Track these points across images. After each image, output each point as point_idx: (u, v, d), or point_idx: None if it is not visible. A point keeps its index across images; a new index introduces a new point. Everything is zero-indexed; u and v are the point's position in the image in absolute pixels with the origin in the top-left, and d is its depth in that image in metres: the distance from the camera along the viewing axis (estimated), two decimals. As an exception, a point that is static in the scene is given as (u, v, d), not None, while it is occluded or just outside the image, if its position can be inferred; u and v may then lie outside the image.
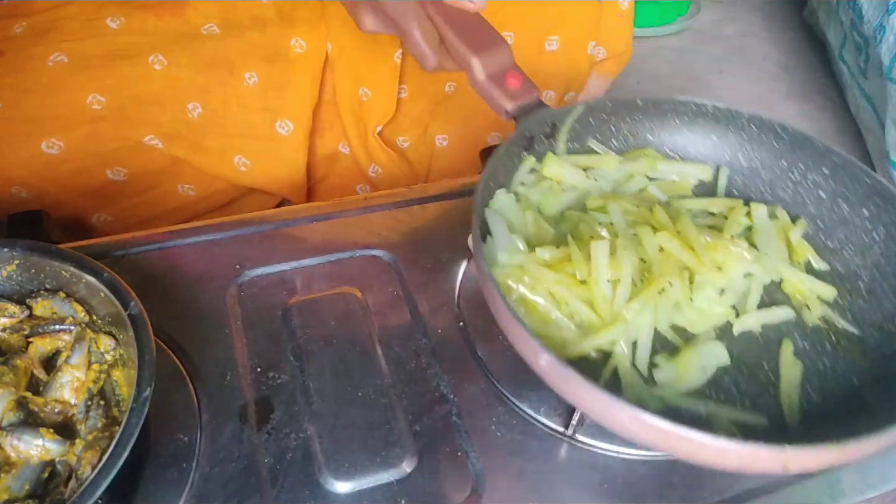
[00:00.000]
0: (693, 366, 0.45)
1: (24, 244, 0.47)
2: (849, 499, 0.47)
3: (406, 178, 0.79)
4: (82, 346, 0.44)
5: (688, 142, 0.59)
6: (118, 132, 0.66)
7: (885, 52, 0.96)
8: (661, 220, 0.49)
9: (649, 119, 0.58)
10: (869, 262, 0.51)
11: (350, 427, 0.48)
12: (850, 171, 0.52)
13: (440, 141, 0.80)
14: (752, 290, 0.49)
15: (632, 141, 0.59)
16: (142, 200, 0.70)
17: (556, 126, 0.55)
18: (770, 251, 0.50)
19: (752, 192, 0.58)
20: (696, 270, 0.47)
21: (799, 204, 0.56)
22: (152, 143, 0.67)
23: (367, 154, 0.77)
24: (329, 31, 0.74)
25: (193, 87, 0.68)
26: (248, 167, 0.72)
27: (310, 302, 0.55)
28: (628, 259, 0.46)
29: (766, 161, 0.57)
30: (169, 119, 0.67)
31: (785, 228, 0.53)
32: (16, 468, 0.39)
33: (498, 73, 0.53)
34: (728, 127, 0.58)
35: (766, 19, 1.39)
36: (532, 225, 0.51)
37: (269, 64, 0.71)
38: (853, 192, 0.52)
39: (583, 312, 0.46)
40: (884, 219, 0.50)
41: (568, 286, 0.46)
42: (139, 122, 0.66)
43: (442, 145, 0.81)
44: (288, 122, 0.72)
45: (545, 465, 0.47)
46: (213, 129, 0.70)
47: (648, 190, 0.56)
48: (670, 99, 0.57)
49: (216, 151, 0.70)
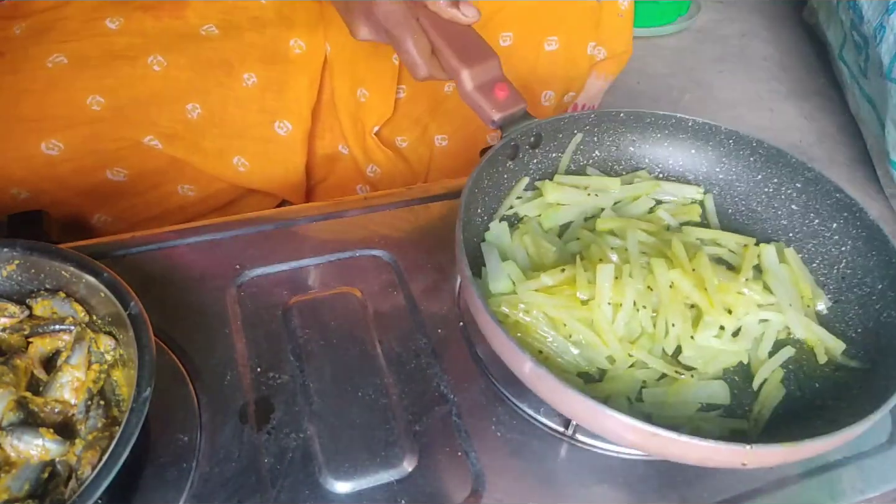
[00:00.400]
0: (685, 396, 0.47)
1: (24, 244, 0.47)
2: (849, 499, 0.47)
3: (405, 178, 0.79)
4: (82, 346, 0.44)
5: (668, 154, 0.62)
6: (117, 132, 0.66)
7: (885, 52, 0.96)
8: (678, 256, 0.51)
9: (631, 131, 0.61)
10: (836, 273, 0.54)
11: (350, 427, 0.48)
12: (821, 186, 0.55)
13: (439, 141, 0.81)
14: (765, 336, 0.51)
15: (614, 152, 0.62)
16: (142, 201, 0.70)
17: (541, 136, 0.57)
18: (783, 297, 0.51)
19: (728, 203, 0.61)
20: (706, 311, 0.49)
21: (772, 216, 0.59)
22: (152, 143, 0.67)
23: (364, 154, 0.77)
24: (328, 33, 0.74)
25: (192, 88, 0.68)
26: (247, 168, 0.72)
27: (310, 302, 0.55)
28: (632, 286, 0.48)
29: (742, 174, 0.60)
30: (168, 119, 0.67)
31: (796, 274, 0.54)
32: (16, 468, 0.39)
33: (486, 84, 0.55)
34: (707, 141, 0.60)
35: (766, 19, 1.39)
36: (532, 246, 0.53)
37: (267, 65, 0.71)
38: (824, 206, 0.55)
39: (581, 332, 0.47)
40: (851, 233, 0.53)
41: (568, 308, 0.48)
42: (138, 122, 0.67)
43: (441, 145, 0.81)
44: (287, 122, 0.72)
45: (545, 465, 0.47)
46: (212, 129, 0.70)
47: (658, 213, 0.59)
48: (652, 112, 0.60)
49: (215, 152, 0.70)
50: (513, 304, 0.49)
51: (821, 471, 0.48)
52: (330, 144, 0.78)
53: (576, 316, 0.48)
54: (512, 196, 0.57)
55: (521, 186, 0.58)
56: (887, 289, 0.50)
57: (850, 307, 0.52)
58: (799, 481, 0.47)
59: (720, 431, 0.46)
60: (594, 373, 0.48)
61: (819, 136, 1.13)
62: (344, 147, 0.78)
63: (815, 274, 0.55)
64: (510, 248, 0.54)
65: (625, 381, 0.47)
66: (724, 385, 0.48)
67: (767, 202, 0.59)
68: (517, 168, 0.58)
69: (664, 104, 1.15)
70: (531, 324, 0.48)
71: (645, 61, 1.25)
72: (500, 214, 0.56)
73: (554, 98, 0.82)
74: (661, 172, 0.62)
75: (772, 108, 1.18)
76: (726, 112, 1.15)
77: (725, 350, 0.49)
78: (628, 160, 0.62)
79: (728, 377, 0.49)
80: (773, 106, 1.18)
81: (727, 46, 1.31)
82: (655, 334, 0.49)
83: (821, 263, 0.55)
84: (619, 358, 0.47)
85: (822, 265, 0.55)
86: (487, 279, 0.51)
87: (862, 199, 0.53)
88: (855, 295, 0.52)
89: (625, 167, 0.62)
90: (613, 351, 0.47)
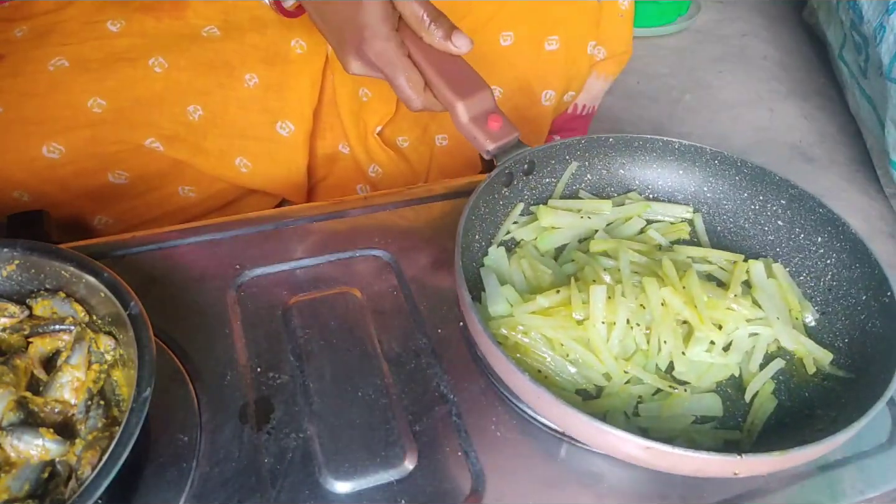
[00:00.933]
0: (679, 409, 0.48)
1: (24, 244, 0.47)
2: (849, 499, 0.47)
3: (406, 178, 0.79)
4: (82, 346, 0.44)
5: (657, 176, 0.64)
6: (119, 135, 0.66)
7: (885, 52, 0.96)
8: (668, 274, 0.52)
9: (621, 155, 0.63)
10: (822, 286, 0.56)
11: (350, 427, 0.48)
12: (805, 202, 0.57)
13: (440, 140, 0.81)
14: (756, 349, 0.52)
15: (605, 175, 0.64)
16: (143, 202, 0.70)
17: (534, 163, 0.60)
18: (771, 311, 0.53)
19: (717, 221, 0.63)
20: (697, 327, 0.50)
21: (759, 232, 0.61)
22: (153, 145, 0.67)
23: (366, 154, 0.77)
24: None
25: (193, 90, 0.68)
26: (249, 168, 0.72)
27: (310, 302, 0.55)
28: (624, 305, 0.49)
29: (729, 193, 0.62)
30: (169, 121, 0.68)
31: (784, 288, 0.56)
32: (16, 468, 0.39)
33: (480, 115, 0.56)
34: (693, 162, 0.62)
35: (766, 19, 1.40)
36: (529, 269, 0.55)
37: (268, 66, 0.71)
38: (808, 221, 0.57)
39: (578, 351, 0.49)
40: (835, 246, 0.55)
41: (564, 328, 0.50)
42: (140, 124, 0.67)
43: (442, 145, 0.81)
44: (289, 122, 0.73)
45: (545, 465, 0.47)
46: (214, 130, 0.70)
47: (648, 233, 0.61)
48: (639, 136, 0.62)
49: (216, 153, 0.70)
50: (511, 326, 0.50)
51: (821, 471, 0.48)
52: (331, 144, 0.78)
53: (572, 336, 0.49)
54: (508, 221, 0.59)
55: (516, 212, 0.60)
56: (871, 299, 0.52)
57: (836, 318, 0.54)
58: (799, 481, 0.47)
59: (714, 443, 0.47)
60: (591, 390, 0.50)
61: (819, 136, 1.13)
62: (344, 146, 0.78)
63: (802, 287, 0.57)
64: (508, 271, 0.55)
65: (621, 397, 0.48)
66: (717, 398, 0.50)
67: (754, 219, 0.61)
68: (512, 194, 0.60)
69: (664, 104, 1.15)
70: (530, 344, 0.50)
71: (645, 61, 1.25)
72: (499, 240, 0.58)
73: (555, 97, 0.82)
74: (651, 193, 0.64)
75: (772, 108, 1.18)
76: (726, 112, 1.15)
77: (717, 364, 0.51)
78: (619, 182, 0.64)
79: (721, 390, 0.51)
80: (773, 106, 1.18)
81: (727, 46, 1.31)
82: (649, 351, 0.50)
83: (808, 276, 0.57)
84: (614, 375, 0.49)
85: (808, 278, 0.57)
86: (487, 303, 0.52)
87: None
88: (841, 306, 0.54)
89: (616, 189, 0.65)
90: (609, 368, 0.49)
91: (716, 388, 0.51)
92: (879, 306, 0.51)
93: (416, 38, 0.57)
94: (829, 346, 0.53)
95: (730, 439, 0.48)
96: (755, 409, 0.49)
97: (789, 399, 0.50)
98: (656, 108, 1.15)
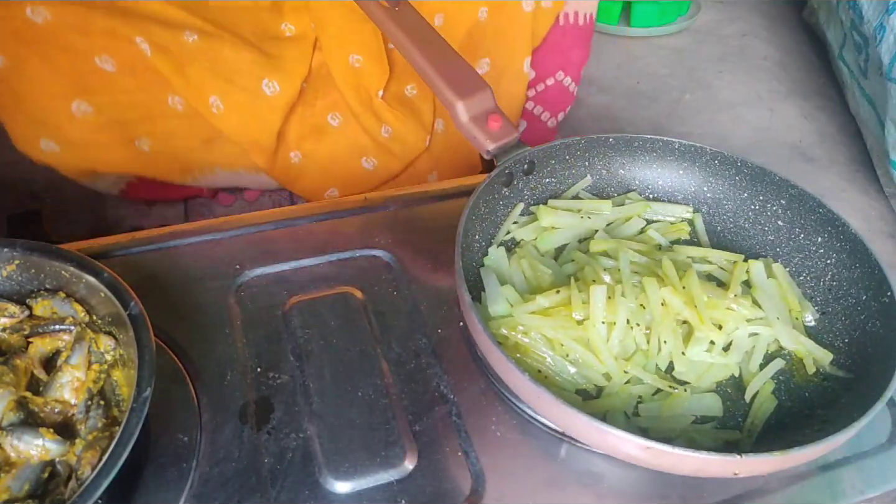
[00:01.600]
0: (679, 409, 0.48)
1: (24, 244, 0.47)
2: (849, 499, 0.47)
3: (417, 134, 0.80)
4: (82, 346, 0.44)
5: (657, 176, 0.64)
6: (110, 23, 0.66)
7: (885, 51, 0.96)
8: (668, 274, 0.52)
9: (621, 155, 0.63)
10: (822, 286, 0.56)
11: (350, 427, 0.48)
12: (804, 202, 0.57)
13: None
14: (756, 349, 0.52)
15: (605, 175, 0.64)
16: (127, 99, 0.71)
17: (534, 163, 0.60)
18: (771, 311, 0.53)
19: (717, 221, 0.63)
20: (696, 327, 0.50)
21: (759, 232, 0.60)
22: (142, 45, 0.68)
23: (375, 117, 0.78)
24: (311, 14, 0.75)
25: (192, 24, 0.70)
26: (220, 111, 0.72)
27: (310, 302, 0.55)
28: (624, 305, 0.50)
29: (729, 193, 0.62)
30: (162, 34, 0.68)
31: (784, 288, 0.56)
32: (16, 468, 0.39)
33: (480, 115, 0.57)
34: (693, 162, 0.62)
35: (766, 19, 1.39)
36: (529, 269, 0.55)
37: (261, 40, 0.73)
38: (808, 221, 0.57)
39: (578, 351, 0.49)
40: (835, 246, 0.55)
41: (564, 328, 0.49)
42: (132, 22, 0.67)
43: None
44: (275, 83, 0.73)
45: (545, 465, 0.47)
46: (201, 59, 0.70)
47: (648, 233, 0.61)
48: (639, 136, 0.62)
49: (195, 82, 0.71)
50: (511, 326, 0.50)
51: (821, 471, 0.48)
52: (319, 113, 0.79)
53: (572, 336, 0.49)
54: (508, 222, 0.59)
55: (516, 212, 0.60)
56: (871, 299, 0.51)
57: (836, 318, 0.54)
58: (799, 481, 0.47)
59: (714, 443, 0.47)
60: (591, 390, 0.49)
61: (819, 136, 1.13)
62: (334, 118, 0.79)
63: (802, 287, 0.57)
64: (508, 271, 0.55)
65: (621, 397, 0.48)
66: (717, 398, 0.50)
67: (754, 219, 0.61)
68: (512, 194, 0.60)
69: (664, 104, 1.15)
70: (530, 344, 0.50)
71: (645, 61, 1.25)
72: (499, 240, 0.58)
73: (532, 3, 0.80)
74: (650, 193, 0.64)
75: (772, 108, 1.18)
76: (726, 112, 1.15)
77: (717, 364, 0.51)
78: (619, 183, 0.64)
79: (721, 390, 0.51)
80: (773, 106, 1.18)
81: (727, 46, 1.31)
82: (649, 351, 0.50)
83: (808, 276, 0.57)
84: (614, 375, 0.49)
85: (808, 278, 0.57)
86: (487, 303, 0.52)
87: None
88: (841, 306, 0.54)
89: (616, 189, 0.64)
90: (609, 368, 0.49)
91: (716, 388, 0.51)
92: (879, 306, 0.50)
93: (415, 34, 0.57)
94: (829, 346, 0.53)
95: (730, 439, 0.48)
96: (755, 409, 0.49)
97: (789, 399, 0.50)
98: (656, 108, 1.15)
